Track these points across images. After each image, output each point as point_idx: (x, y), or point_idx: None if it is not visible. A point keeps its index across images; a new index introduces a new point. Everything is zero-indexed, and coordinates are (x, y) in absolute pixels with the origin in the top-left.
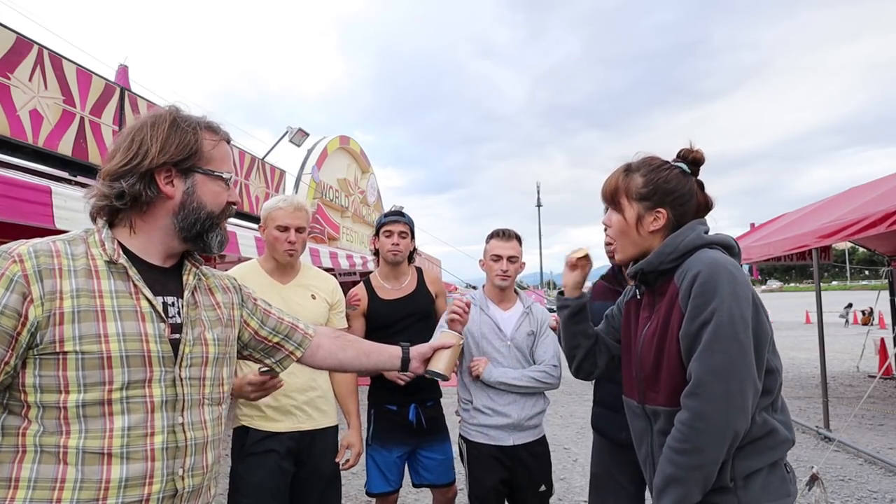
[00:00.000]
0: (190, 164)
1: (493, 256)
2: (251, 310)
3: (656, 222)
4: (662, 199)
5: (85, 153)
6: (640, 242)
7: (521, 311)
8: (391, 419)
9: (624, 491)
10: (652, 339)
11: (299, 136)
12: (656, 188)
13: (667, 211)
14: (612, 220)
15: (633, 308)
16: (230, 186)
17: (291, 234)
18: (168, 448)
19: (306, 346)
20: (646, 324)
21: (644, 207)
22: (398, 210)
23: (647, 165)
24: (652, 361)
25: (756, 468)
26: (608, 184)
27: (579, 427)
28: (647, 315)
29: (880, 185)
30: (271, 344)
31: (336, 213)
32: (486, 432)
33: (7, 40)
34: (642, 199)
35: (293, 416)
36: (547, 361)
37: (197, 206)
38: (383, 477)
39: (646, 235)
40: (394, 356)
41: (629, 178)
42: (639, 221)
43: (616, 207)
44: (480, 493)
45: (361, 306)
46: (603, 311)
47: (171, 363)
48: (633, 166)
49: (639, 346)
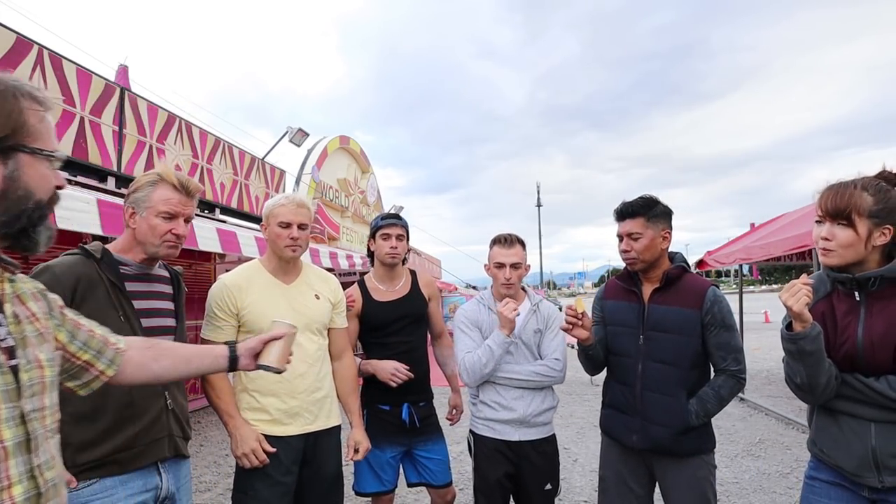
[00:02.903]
0: (12, 142)
1: (496, 264)
2: (59, 321)
3: (882, 237)
4: (890, 217)
5: (85, 153)
6: (864, 254)
7: (529, 309)
8: (384, 419)
9: (632, 494)
10: (886, 332)
11: (299, 136)
12: (886, 207)
13: (893, 228)
14: (835, 234)
15: (838, 306)
16: (55, 167)
17: (294, 231)
18: (30, 497)
19: (119, 362)
20: (869, 320)
21: (874, 224)
22: (394, 213)
23: (874, 185)
24: (889, 349)
25: None
26: (839, 199)
27: (579, 427)
28: (869, 313)
29: None
30: (79, 363)
31: (336, 213)
32: (492, 426)
33: (7, 40)
34: (873, 216)
35: (301, 418)
36: (550, 356)
37: (24, 194)
38: (376, 477)
39: (870, 249)
40: (219, 357)
41: (860, 196)
42: (869, 236)
43: (847, 222)
44: (485, 486)
45: (356, 307)
46: (616, 309)
47: (16, 396)
48: (859, 184)
49: (859, 337)
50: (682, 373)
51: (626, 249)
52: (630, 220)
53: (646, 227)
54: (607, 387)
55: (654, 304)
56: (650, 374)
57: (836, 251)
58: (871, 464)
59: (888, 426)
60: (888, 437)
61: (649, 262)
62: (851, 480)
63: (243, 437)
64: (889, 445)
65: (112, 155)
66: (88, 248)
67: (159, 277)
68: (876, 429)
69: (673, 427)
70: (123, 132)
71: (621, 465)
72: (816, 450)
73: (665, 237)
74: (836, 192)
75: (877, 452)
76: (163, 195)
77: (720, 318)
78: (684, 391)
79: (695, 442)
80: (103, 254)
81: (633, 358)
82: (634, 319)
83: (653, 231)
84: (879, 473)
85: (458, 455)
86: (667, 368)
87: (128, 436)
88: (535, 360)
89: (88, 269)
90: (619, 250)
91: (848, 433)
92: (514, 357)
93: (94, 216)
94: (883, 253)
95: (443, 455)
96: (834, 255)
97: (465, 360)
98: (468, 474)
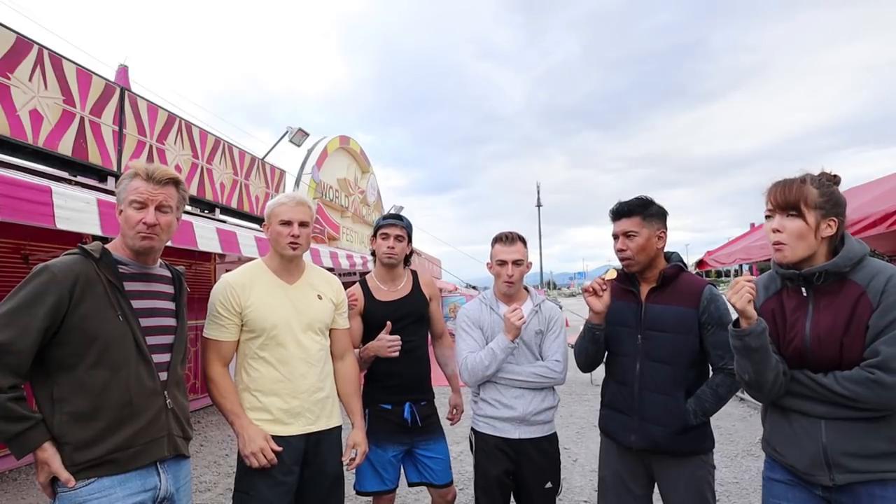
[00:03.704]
0: None
1: (498, 262)
2: None
3: (829, 229)
4: (834, 209)
5: (85, 153)
6: (815, 246)
7: (530, 310)
8: (386, 418)
9: (631, 494)
10: (832, 327)
11: (299, 136)
12: (830, 199)
13: (838, 221)
14: (786, 226)
15: (788, 303)
16: None
17: (294, 228)
18: None
19: None
20: (816, 315)
21: (821, 215)
22: (396, 213)
23: (817, 180)
24: (835, 344)
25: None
26: (788, 192)
27: (579, 427)
28: (816, 308)
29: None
30: None
31: (336, 213)
32: (492, 423)
33: (7, 40)
34: (819, 207)
35: (303, 418)
36: (551, 357)
37: None
38: (377, 476)
39: (819, 241)
40: None
41: (807, 189)
42: (817, 227)
43: (797, 213)
44: (485, 483)
45: (358, 306)
46: (614, 308)
47: None
48: (805, 179)
49: (807, 332)
50: (679, 372)
51: (622, 248)
52: (626, 219)
53: (641, 226)
54: (606, 387)
55: (652, 304)
56: (648, 373)
57: (788, 245)
58: (822, 462)
59: (838, 423)
60: (838, 434)
61: (644, 264)
62: (805, 480)
63: (251, 436)
64: (839, 442)
65: (112, 155)
66: (87, 247)
67: (160, 277)
68: (826, 426)
69: (671, 427)
70: (123, 132)
71: (620, 465)
72: (770, 449)
73: (660, 237)
74: (784, 186)
75: (827, 450)
76: (132, 185)
77: (717, 316)
78: (682, 390)
79: (693, 442)
80: (102, 253)
81: (630, 357)
82: (632, 319)
83: (648, 230)
84: (830, 471)
85: (459, 455)
86: (665, 368)
87: (126, 435)
88: (535, 360)
89: (87, 268)
90: (615, 250)
91: (799, 431)
92: (514, 357)
93: (94, 216)
94: (830, 248)
95: (444, 454)
96: (787, 249)
97: (466, 361)
98: (468, 474)
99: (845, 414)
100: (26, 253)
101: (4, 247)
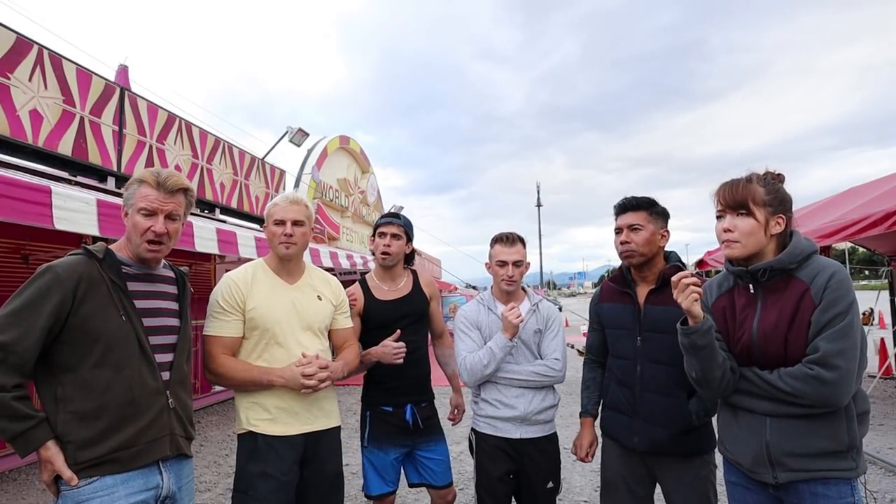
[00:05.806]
0: None
1: (498, 262)
2: None
3: (778, 226)
4: (781, 206)
5: (85, 153)
6: (764, 242)
7: (528, 309)
8: (387, 420)
9: (633, 495)
10: (776, 323)
11: (299, 136)
12: (777, 197)
13: (786, 218)
14: (737, 225)
15: (738, 300)
16: None
17: (287, 227)
18: None
19: None
20: (763, 312)
21: (770, 212)
22: (394, 212)
23: (763, 179)
24: (779, 341)
25: (863, 435)
26: (737, 192)
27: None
28: (763, 305)
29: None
30: None
31: (336, 213)
32: (493, 424)
33: (7, 40)
34: (767, 205)
35: (302, 417)
36: (550, 356)
37: None
38: (381, 478)
39: (769, 238)
40: None
41: (755, 188)
42: (767, 224)
43: (746, 211)
44: (487, 483)
45: (357, 306)
46: (612, 311)
47: None
48: (752, 178)
49: (754, 329)
50: (680, 373)
51: (626, 241)
52: (632, 213)
53: (647, 221)
54: (607, 388)
55: (651, 305)
56: (649, 375)
57: (740, 242)
58: (765, 460)
59: (782, 420)
60: (781, 432)
61: (646, 257)
62: (752, 479)
63: (293, 373)
64: (782, 441)
65: (112, 155)
66: (91, 248)
67: (163, 278)
68: (770, 423)
69: (673, 428)
70: (123, 132)
71: (622, 466)
72: (723, 448)
73: (663, 235)
74: (732, 186)
75: (770, 448)
76: (142, 192)
77: None
78: (684, 391)
79: (695, 442)
80: (106, 254)
81: (631, 359)
82: (630, 321)
83: (653, 226)
84: (773, 470)
85: (459, 455)
86: (665, 369)
87: (128, 434)
88: (535, 359)
89: (90, 268)
90: (618, 243)
91: (745, 428)
92: (514, 357)
93: (92, 216)
94: (779, 246)
95: (444, 455)
96: (737, 245)
97: (465, 361)
98: (468, 474)
99: (788, 411)
100: (26, 253)
101: (4, 247)
